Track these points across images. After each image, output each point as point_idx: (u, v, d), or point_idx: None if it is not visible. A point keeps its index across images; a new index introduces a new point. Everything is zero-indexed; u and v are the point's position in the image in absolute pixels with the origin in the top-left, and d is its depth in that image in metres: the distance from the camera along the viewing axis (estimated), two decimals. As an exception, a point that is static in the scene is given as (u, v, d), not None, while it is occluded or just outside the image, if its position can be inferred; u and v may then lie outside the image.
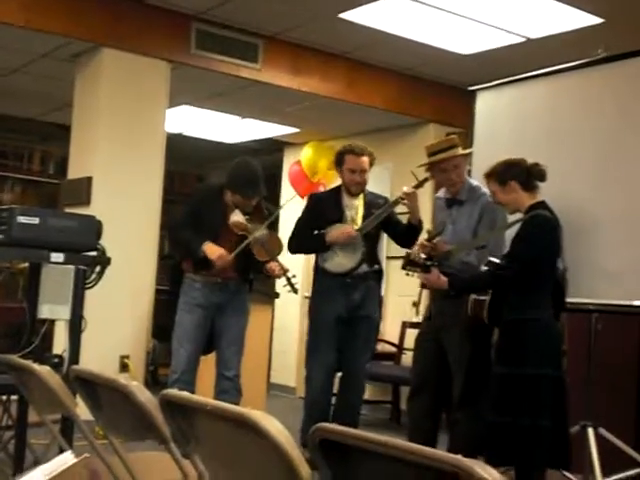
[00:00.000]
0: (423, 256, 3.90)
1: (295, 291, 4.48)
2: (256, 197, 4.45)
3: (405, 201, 4.36)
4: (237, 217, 4.43)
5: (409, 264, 3.87)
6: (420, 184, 4.29)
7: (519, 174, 3.64)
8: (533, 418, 3.47)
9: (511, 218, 3.94)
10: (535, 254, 3.57)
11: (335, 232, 4.49)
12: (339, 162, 4.60)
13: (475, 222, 4.08)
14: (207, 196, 4.63)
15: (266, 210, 4.56)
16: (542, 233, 3.58)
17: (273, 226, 4.78)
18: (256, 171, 4.45)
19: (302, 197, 7.06)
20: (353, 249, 4.49)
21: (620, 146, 4.07)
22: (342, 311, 4.53)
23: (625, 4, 5.16)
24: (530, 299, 3.58)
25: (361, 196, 4.62)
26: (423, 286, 4.17)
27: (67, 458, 2.16)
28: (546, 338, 3.56)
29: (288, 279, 4.40)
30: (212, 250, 4.32)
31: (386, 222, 4.54)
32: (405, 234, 4.54)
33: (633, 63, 4.09)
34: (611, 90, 4.18)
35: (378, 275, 4.68)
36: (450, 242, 4.03)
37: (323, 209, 4.64)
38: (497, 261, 3.75)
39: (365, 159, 4.54)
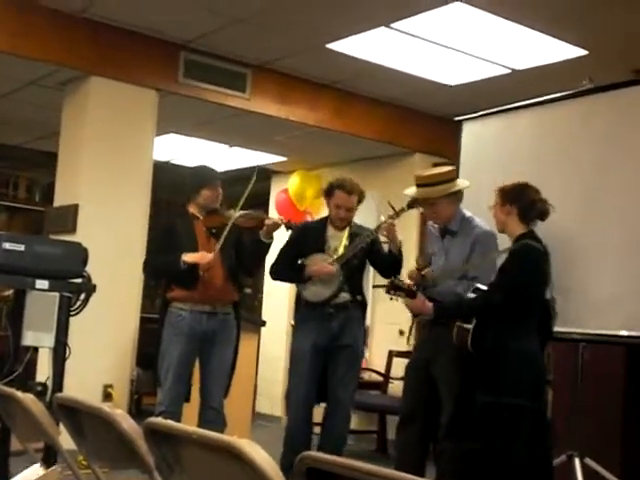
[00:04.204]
0: (408, 281, 3.90)
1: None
2: (219, 182, 4.51)
3: (384, 232, 4.38)
4: (209, 218, 4.48)
5: (393, 288, 3.85)
6: (396, 214, 4.30)
7: (522, 201, 3.64)
8: (506, 447, 3.44)
9: (501, 247, 3.96)
10: (523, 284, 3.57)
11: (315, 267, 4.49)
12: (328, 194, 4.60)
13: (467, 254, 4.03)
14: (173, 220, 4.60)
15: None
16: (530, 263, 3.59)
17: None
18: (204, 164, 4.75)
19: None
20: (331, 277, 4.48)
21: (606, 176, 4.10)
22: (322, 341, 4.50)
23: (608, 37, 5.22)
24: (516, 328, 3.57)
25: (347, 228, 4.63)
26: (413, 315, 4.14)
27: (36, 470, 2.13)
28: (528, 368, 3.55)
29: (285, 224, 4.41)
30: (192, 255, 4.30)
31: (368, 252, 4.55)
32: (386, 264, 4.54)
33: (618, 94, 4.13)
34: (596, 121, 4.21)
35: (361, 305, 4.66)
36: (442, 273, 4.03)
37: (307, 237, 4.64)
38: (484, 288, 3.75)
39: (354, 198, 4.53)
